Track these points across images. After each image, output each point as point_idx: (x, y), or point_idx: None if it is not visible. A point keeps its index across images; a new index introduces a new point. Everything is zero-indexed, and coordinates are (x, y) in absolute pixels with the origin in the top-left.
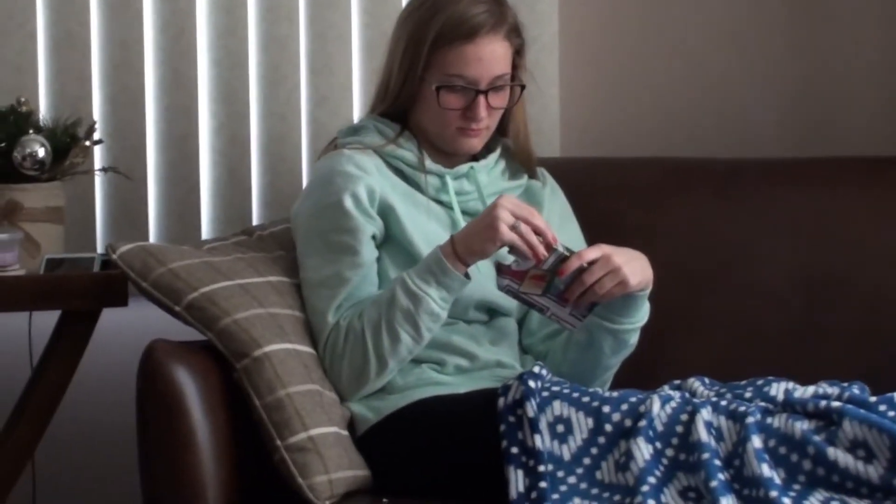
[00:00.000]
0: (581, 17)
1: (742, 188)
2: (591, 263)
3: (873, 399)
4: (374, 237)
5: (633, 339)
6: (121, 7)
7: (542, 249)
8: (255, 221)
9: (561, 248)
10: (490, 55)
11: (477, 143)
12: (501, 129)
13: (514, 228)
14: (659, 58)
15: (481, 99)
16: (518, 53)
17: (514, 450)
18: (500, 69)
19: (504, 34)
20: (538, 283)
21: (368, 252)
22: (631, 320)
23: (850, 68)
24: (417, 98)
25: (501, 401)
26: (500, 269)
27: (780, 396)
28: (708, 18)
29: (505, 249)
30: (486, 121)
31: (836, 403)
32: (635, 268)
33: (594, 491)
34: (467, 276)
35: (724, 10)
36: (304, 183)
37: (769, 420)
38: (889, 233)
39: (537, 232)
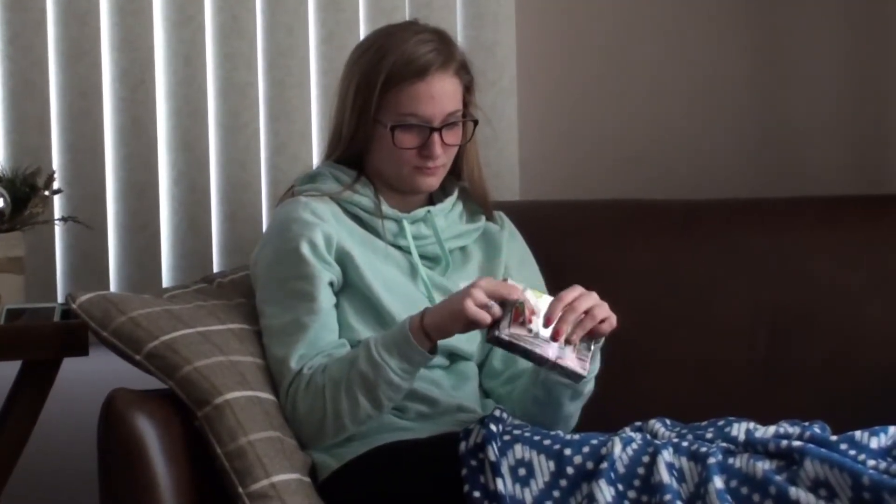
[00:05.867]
0: (539, 60)
1: (703, 228)
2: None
3: (834, 438)
4: (331, 284)
5: (590, 387)
6: (79, 57)
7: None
8: (215, 269)
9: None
10: (441, 92)
11: (434, 182)
12: (456, 171)
13: (485, 308)
14: (618, 100)
15: (436, 136)
16: (468, 90)
17: (476, 494)
18: (452, 106)
19: (453, 71)
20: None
21: (326, 299)
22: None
23: (809, 109)
24: (372, 141)
25: (463, 445)
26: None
27: (742, 437)
28: (668, 61)
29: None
30: (442, 158)
31: (797, 443)
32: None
33: None
34: (434, 350)
35: (684, 53)
36: (264, 229)
37: (731, 460)
38: (849, 270)
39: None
